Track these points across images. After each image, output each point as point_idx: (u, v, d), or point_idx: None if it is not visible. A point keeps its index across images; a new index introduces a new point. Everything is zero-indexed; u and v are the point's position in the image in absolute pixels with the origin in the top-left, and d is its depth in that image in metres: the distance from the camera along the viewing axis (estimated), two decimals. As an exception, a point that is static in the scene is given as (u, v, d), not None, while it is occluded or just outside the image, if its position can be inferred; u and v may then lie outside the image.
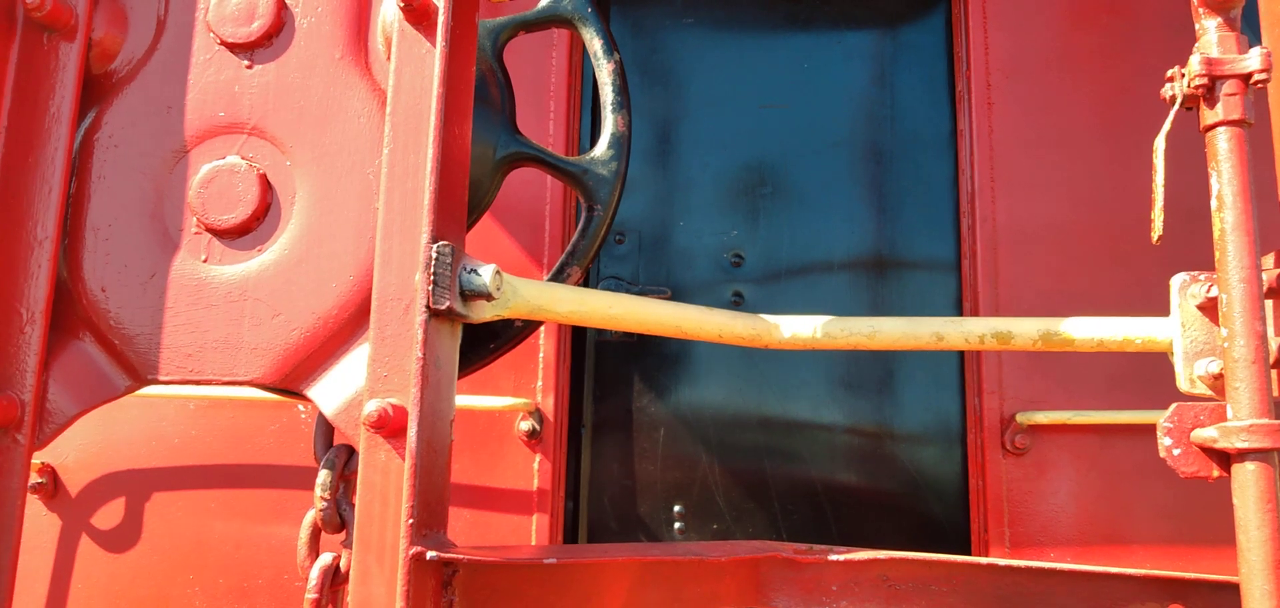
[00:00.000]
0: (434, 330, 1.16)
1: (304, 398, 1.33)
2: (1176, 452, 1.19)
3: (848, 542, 2.55)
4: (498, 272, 1.21)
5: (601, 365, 2.82)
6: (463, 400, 2.38)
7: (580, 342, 2.77)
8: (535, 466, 2.50)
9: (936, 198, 2.79)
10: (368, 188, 1.33)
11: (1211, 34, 1.21)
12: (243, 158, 1.37)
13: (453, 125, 1.23)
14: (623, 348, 2.81)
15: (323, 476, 1.36)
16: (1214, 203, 1.19)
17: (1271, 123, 1.33)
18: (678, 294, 2.79)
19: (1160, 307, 1.32)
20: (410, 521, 1.10)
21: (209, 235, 1.35)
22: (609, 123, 1.52)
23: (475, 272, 1.20)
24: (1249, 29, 1.23)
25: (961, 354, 2.66)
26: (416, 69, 1.25)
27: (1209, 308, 1.26)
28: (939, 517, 2.70)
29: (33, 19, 1.37)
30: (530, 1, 1.58)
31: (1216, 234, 1.19)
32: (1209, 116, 1.20)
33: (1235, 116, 1.18)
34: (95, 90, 1.42)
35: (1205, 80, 1.20)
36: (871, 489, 2.73)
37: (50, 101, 1.38)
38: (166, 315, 1.33)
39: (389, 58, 1.33)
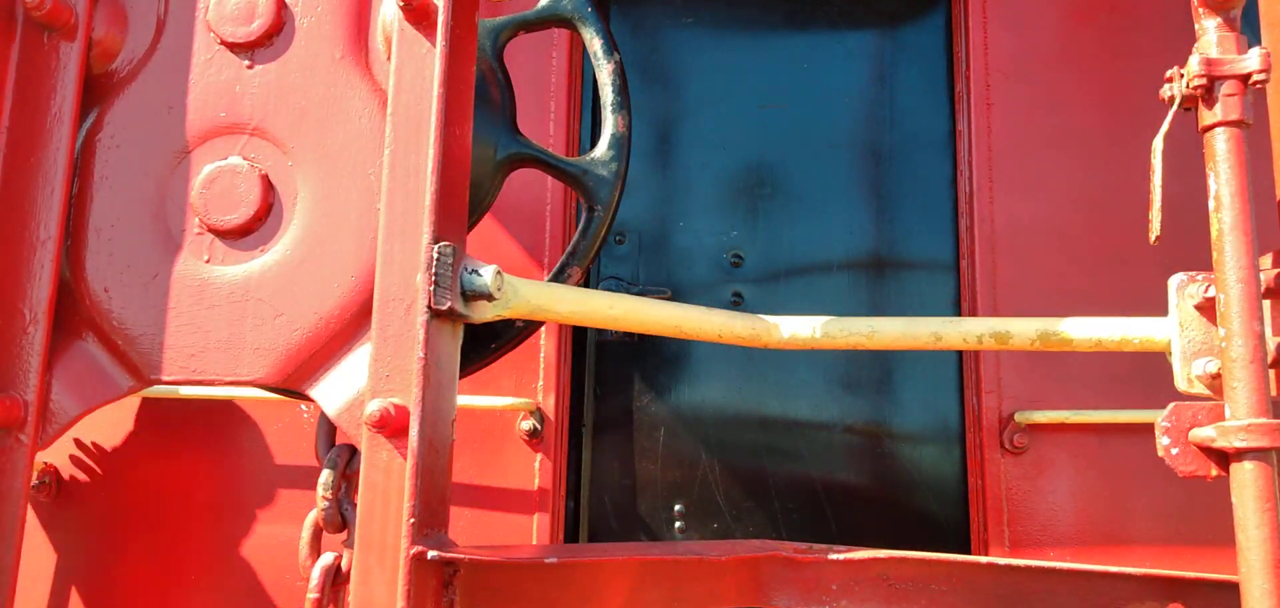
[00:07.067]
0: (435, 331, 1.16)
1: (306, 398, 1.34)
2: (1175, 451, 1.19)
3: (847, 541, 2.55)
4: (499, 272, 1.22)
5: (602, 365, 2.82)
6: (464, 400, 2.38)
7: (581, 342, 2.77)
8: (536, 465, 2.50)
9: (935, 198, 2.79)
10: (369, 188, 1.33)
11: (1211, 34, 1.22)
12: (244, 158, 1.37)
13: (453, 126, 1.23)
14: (623, 348, 2.81)
15: (325, 475, 1.36)
16: (1212, 203, 1.19)
17: (1270, 124, 1.33)
18: (677, 294, 2.79)
19: (1158, 307, 1.32)
20: (412, 520, 1.10)
21: (211, 236, 1.36)
22: (609, 123, 1.52)
23: (476, 272, 1.20)
24: (1248, 29, 1.23)
25: (960, 354, 2.67)
26: (417, 69, 1.25)
27: (1207, 308, 1.26)
28: (938, 516, 2.70)
29: (33, 18, 1.37)
30: (530, 1, 1.58)
31: (1214, 234, 1.19)
32: (1207, 117, 1.21)
33: (1234, 117, 1.18)
34: (96, 90, 1.42)
35: (1204, 81, 1.20)
36: (871, 489, 2.73)
37: (51, 101, 1.38)
38: (169, 316, 1.34)
39: (389, 58, 1.33)
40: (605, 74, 1.52)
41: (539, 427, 2.50)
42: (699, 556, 1.28)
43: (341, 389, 1.30)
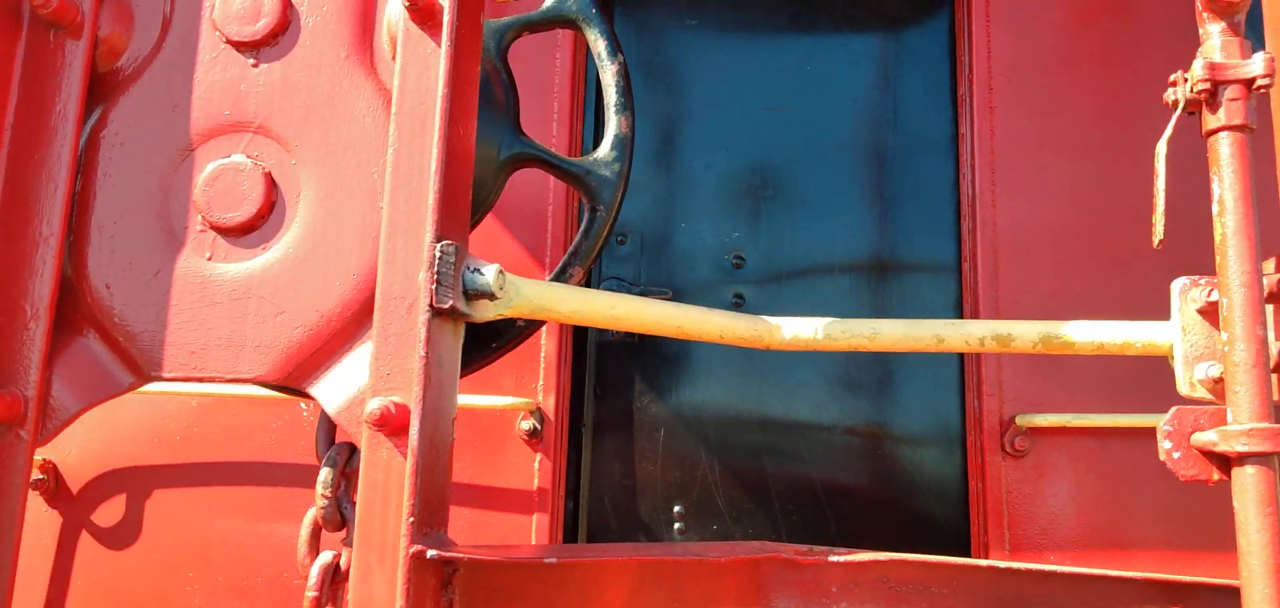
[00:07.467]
0: (437, 329, 1.16)
1: (307, 396, 1.34)
2: (1176, 455, 1.19)
3: (848, 543, 2.55)
4: (501, 271, 1.22)
5: (603, 365, 2.82)
6: (464, 399, 2.38)
7: (582, 342, 2.77)
8: (536, 465, 2.50)
9: (938, 201, 2.79)
10: (372, 187, 1.33)
11: (1215, 38, 1.21)
12: (248, 156, 1.37)
13: (457, 125, 1.23)
14: (624, 348, 2.81)
15: (324, 473, 1.36)
16: (1216, 207, 1.19)
17: (1274, 128, 1.33)
18: (679, 295, 2.79)
19: (1161, 311, 1.32)
20: (411, 519, 1.10)
21: (214, 233, 1.36)
22: (612, 124, 1.52)
23: (479, 271, 1.20)
24: (1252, 34, 1.23)
25: (962, 356, 2.66)
26: (421, 69, 1.25)
27: (1209, 312, 1.26)
28: (939, 519, 2.70)
29: (39, 16, 1.37)
30: (535, 2, 1.58)
31: (1218, 239, 1.19)
32: (1211, 121, 1.21)
33: (1237, 121, 1.18)
34: (101, 88, 1.42)
35: (1208, 85, 1.20)
36: (871, 491, 2.73)
37: (56, 99, 1.38)
38: (171, 313, 1.34)
39: (394, 57, 1.34)
40: (609, 75, 1.52)
41: (539, 427, 2.50)
42: (699, 557, 1.28)
43: (342, 387, 1.30)
